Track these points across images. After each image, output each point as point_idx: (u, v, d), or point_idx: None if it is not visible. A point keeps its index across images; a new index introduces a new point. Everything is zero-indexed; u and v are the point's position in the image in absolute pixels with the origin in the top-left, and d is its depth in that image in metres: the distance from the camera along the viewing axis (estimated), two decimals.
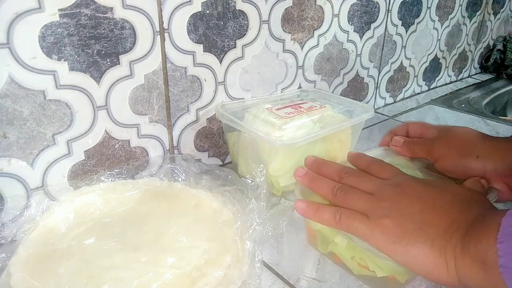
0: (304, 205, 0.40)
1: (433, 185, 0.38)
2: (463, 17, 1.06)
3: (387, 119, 0.87)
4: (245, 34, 0.59)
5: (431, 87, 1.09)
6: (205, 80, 0.57)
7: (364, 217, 0.36)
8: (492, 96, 1.06)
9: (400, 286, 0.40)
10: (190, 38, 0.54)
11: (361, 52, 0.80)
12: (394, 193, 0.37)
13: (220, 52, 0.57)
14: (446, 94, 1.06)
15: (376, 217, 0.35)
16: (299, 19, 0.66)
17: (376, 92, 0.90)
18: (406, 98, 1.00)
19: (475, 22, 1.11)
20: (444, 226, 0.33)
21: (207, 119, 0.60)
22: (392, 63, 0.90)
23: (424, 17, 0.92)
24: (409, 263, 0.33)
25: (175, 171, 0.52)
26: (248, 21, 0.59)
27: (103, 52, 0.47)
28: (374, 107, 0.92)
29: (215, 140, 0.63)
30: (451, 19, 1.02)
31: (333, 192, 0.40)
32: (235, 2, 0.56)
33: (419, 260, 0.33)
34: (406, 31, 0.89)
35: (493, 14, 1.18)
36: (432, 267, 0.32)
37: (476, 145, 0.46)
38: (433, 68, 1.05)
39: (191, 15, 0.53)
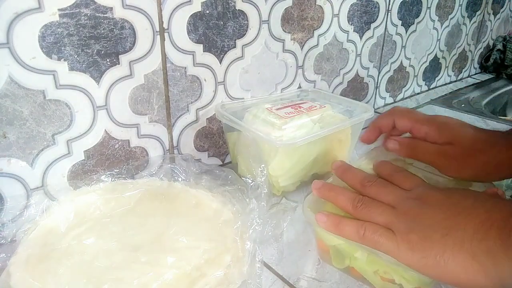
0: (325, 218, 0.38)
1: (454, 192, 0.36)
2: (463, 17, 1.06)
3: None
4: (245, 34, 0.59)
5: (431, 87, 1.09)
6: (205, 80, 0.57)
7: (389, 232, 0.34)
8: (492, 96, 1.06)
9: None
10: (190, 38, 0.54)
11: (361, 52, 0.80)
12: (417, 206, 0.35)
13: (220, 52, 0.57)
14: (446, 94, 1.06)
15: (401, 233, 0.34)
16: (299, 19, 0.66)
17: (376, 92, 0.90)
18: (406, 98, 1.00)
19: (475, 22, 1.11)
20: (473, 227, 0.31)
21: (207, 119, 0.60)
22: (392, 63, 0.90)
23: (424, 17, 0.92)
24: (441, 275, 0.32)
25: (175, 171, 0.52)
26: (248, 21, 0.59)
27: (103, 52, 0.47)
28: (374, 107, 0.91)
29: (215, 140, 0.63)
30: (451, 19, 1.02)
31: (353, 204, 0.38)
32: (235, 2, 0.56)
33: (450, 269, 0.31)
34: (406, 31, 0.89)
35: (493, 14, 1.18)
36: (465, 273, 0.30)
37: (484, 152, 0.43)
38: (433, 68, 1.05)
39: (191, 15, 0.53)
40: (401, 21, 0.86)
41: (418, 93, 1.04)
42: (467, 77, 1.22)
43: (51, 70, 0.44)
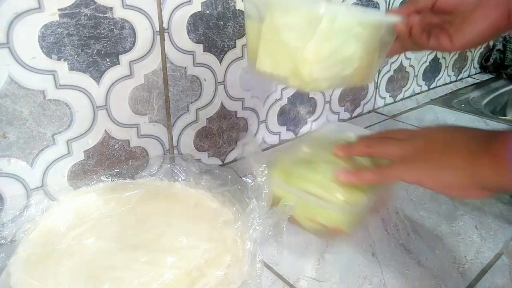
0: (345, 173, 0.44)
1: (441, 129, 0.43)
2: None
3: (387, 119, 0.87)
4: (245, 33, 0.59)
5: (431, 87, 1.09)
6: (205, 80, 0.57)
7: (400, 162, 0.40)
8: (491, 96, 1.06)
9: (345, 235, 0.46)
10: (190, 38, 0.54)
11: None
12: (421, 139, 0.41)
13: (220, 52, 0.57)
14: (446, 94, 1.06)
15: (410, 155, 0.40)
16: None
17: (376, 92, 0.90)
18: (406, 98, 1.00)
19: None
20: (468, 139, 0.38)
21: (206, 119, 0.60)
22: (392, 63, 0.90)
23: None
24: (443, 174, 0.37)
25: (175, 171, 0.52)
26: None
27: (103, 52, 0.47)
28: (373, 107, 0.92)
29: (215, 140, 0.63)
30: None
31: (367, 145, 0.45)
32: (235, 2, 0.56)
33: (451, 167, 0.36)
34: None
35: None
36: (462, 172, 0.36)
37: None
38: (433, 68, 1.05)
39: (191, 15, 0.53)
40: None
41: (418, 93, 1.04)
42: (467, 77, 1.22)
43: (51, 70, 0.44)
